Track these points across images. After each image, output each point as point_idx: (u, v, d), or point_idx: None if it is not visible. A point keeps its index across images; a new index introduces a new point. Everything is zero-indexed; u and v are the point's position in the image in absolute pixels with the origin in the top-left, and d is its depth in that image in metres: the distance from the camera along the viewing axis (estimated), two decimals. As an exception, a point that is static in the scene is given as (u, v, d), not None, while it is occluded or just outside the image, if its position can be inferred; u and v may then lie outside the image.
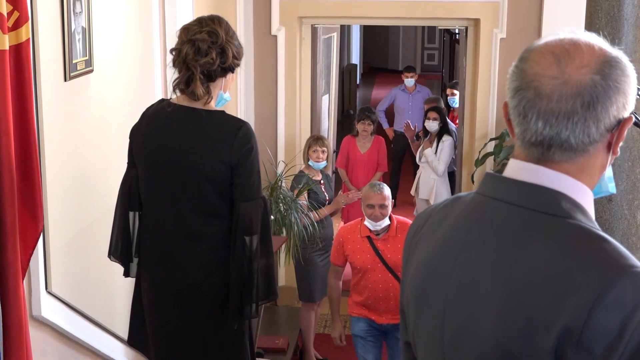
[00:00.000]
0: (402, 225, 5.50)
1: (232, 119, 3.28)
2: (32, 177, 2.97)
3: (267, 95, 7.29)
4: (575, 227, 1.46)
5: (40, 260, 3.46)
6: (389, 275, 5.46)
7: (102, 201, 4.11)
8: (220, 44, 3.19)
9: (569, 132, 1.46)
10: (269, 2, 7.10)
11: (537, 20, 6.95)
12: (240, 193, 3.24)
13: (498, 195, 1.55)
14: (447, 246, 1.60)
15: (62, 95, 3.66)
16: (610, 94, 1.45)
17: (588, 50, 1.47)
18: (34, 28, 3.32)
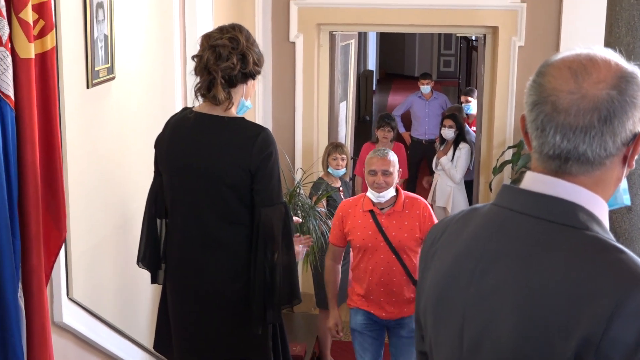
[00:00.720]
0: (411, 201, 4.98)
1: (252, 125, 3.30)
2: (56, 185, 2.99)
3: (285, 101, 7.31)
4: (592, 239, 1.49)
5: (62, 266, 3.48)
6: (392, 257, 4.91)
7: (123, 208, 4.14)
8: (240, 50, 3.23)
9: (586, 146, 1.49)
10: (287, 9, 7.12)
11: (555, 28, 6.94)
12: (261, 199, 3.26)
13: (515, 207, 1.58)
14: (465, 256, 1.63)
15: (85, 102, 3.68)
16: (626, 109, 1.48)
17: (605, 66, 1.50)
18: (57, 36, 3.34)
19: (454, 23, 7.29)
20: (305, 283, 7.19)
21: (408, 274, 4.94)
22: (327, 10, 7.16)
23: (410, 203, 4.97)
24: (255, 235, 3.29)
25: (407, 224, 4.91)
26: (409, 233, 4.90)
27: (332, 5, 7.10)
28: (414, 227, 4.90)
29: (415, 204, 4.97)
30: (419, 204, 4.98)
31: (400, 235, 4.89)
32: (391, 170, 4.92)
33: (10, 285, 2.72)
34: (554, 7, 6.92)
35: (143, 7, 4.33)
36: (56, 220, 3.02)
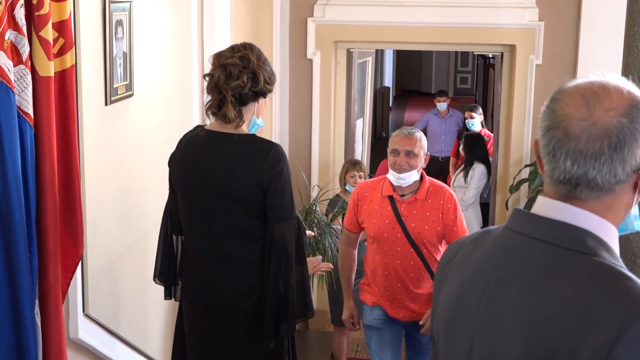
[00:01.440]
0: (436, 190, 4.49)
1: (263, 142, 3.32)
2: (74, 202, 3.01)
3: (302, 118, 7.32)
4: (600, 265, 1.51)
5: (79, 282, 3.49)
6: (411, 250, 4.43)
7: (140, 224, 4.15)
8: (251, 68, 3.25)
9: (596, 172, 1.51)
10: (305, 27, 7.15)
11: (573, 47, 6.93)
12: (273, 214, 3.28)
13: (525, 231, 1.60)
14: (475, 279, 1.66)
15: (103, 119, 3.70)
16: (637, 137, 1.51)
17: (616, 94, 1.52)
18: (77, 53, 3.37)
19: (471, 41, 7.30)
20: (320, 299, 7.18)
21: (428, 270, 4.49)
22: (345, 27, 7.18)
23: (434, 192, 4.48)
24: (269, 250, 3.30)
25: (429, 215, 4.44)
26: (431, 225, 4.44)
27: (350, 22, 7.12)
28: (437, 219, 4.45)
29: (440, 194, 4.50)
30: (444, 194, 4.50)
31: (421, 227, 4.42)
32: (416, 152, 4.41)
33: (28, 302, 2.73)
34: (572, 26, 6.91)
35: (162, 25, 4.35)
36: (73, 237, 3.03)
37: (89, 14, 3.51)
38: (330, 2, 7.07)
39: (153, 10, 4.17)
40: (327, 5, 7.08)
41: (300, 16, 7.14)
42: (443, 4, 6.94)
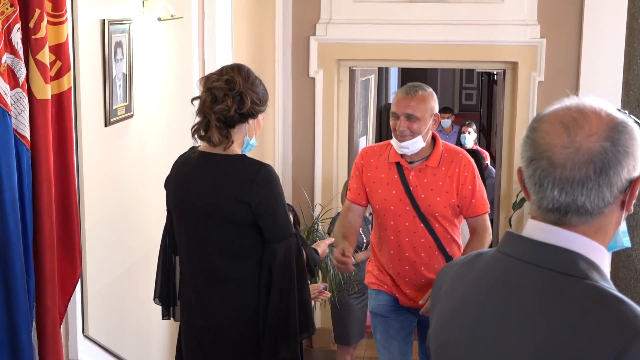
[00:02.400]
0: (451, 156, 3.94)
1: (252, 162, 3.31)
2: (71, 224, 3.02)
3: (305, 137, 7.32)
4: (592, 288, 1.50)
5: (78, 303, 3.49)
6: (421, 226, 3.91)
7: (139, 245, 4.15)
8: (237, 91, 3.22)
9: (584, 198, 1.51)
10: (307, 45, 7.16)
11: (575, 63, 6.92)
12: (272, 235, 3.28)
13: (517, 254, 1.59)
14: (468, 303, 1.64)
15: (103, 140, 3.71)
16: (620, 159, 1.50)
17: (595, 118, 1.52)
18: (75, 75, 3.39)
19: (473, 58, 7.29)
20: (324, 318, 7.17)
21: (442, 250, 3.98)
22: (347, 46, 7.18)
23: (449, 158, 3.92)
24: (268, 268, 3.28)
25: (441, 185, 3.91)
26: (443, 197, 3.91)
27: (352, 41, 7.12)
28: (451, 190, 3.91)
29: (456, 160, 3.95)
30: (460, 161, 3.95)
31: (432, 198, 3.88)
32: (418, 116, 3.82)
33: (25, 325, 2.73)
34: (574, 43, 6.91)
35: (162, 46, 4.36)
36: (71, 260, 3.04)
37: (88, 35, 3.52)
38: (333, 20, 7.09)
39: (153, 31, 4.18)
40: (329, 23, 7.09)
41: (303, 35, 7.15)
42: (445, 22, 6.95)
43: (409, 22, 7.08)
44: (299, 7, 7.10)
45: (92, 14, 3.56)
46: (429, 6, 6.89)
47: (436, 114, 3.94)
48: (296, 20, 7.13)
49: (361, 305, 6.33)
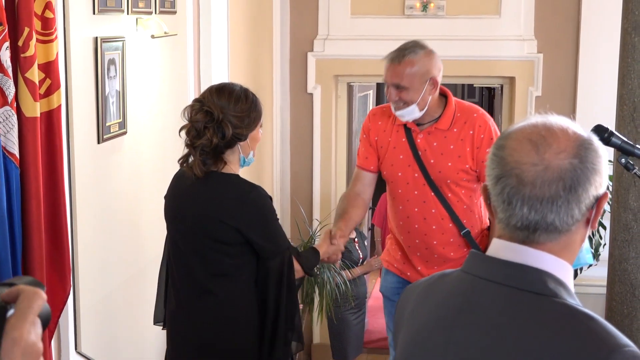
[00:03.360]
0: (465, 115, 3.58)
1: (244, 184, 3.25)
2: (61, 242, 3.02)
3: (303, 152, 7.33)
4: (562, 307, 1.50)
5: (70, 319, 3.49)
6: (431, 194, 3.59)
7: (132, 261, 4.15)
8: (217, 121, 3.15)
9: (554, 216, 1.51)
10: (305, 61, 7.18)
11: (572, 78, 6.93)
12: (265, 254, 3.25)
13: (484, 275, 1.58)
14: (436, 325, 1.62)
15: (95, 157, 3.71)
16: (588, 176, 1.51)
17: (563, 135, 1.53)
18: (67, 92, 3.40)
19: (471, 74, 7.31)
20: (322, 334, 7.15)
21: (455, 221, 3.64)
22: (345, 61, 7.20)
23: (462, 119, 3.56)
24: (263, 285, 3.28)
25: (452, 149, 3.57)
26: (455, 161, 3.58)
27: (350, 57, 7.14)
28: (464, 154, 3.57)
29: (470, 121, 3.59)
30: (474, 121, 3.59)
31: (442, 163, 3.56)
32: (406, 85, 3.48)
33: (13, 342, 2.73)
34: (571, 58, 6.92)
35: (156, 63, 4.38)
36: (61, 277, 3.04)
37: (80, 53, 3.54)
38: (330, 36, 7.11)
39: (147, 48, 4.20)
40: (327, 39, 7.12)
41: (301, 51, 7.17)
42: (442, 37, 6.97)
43: (406, 37, 7.03)
44: (297, 23, 7.13)
45: (84, 31, 3.57)
46: (426, 22, 6.91)
47: (433, 77, 3.56)
48: (294, 36, 7.16)
49: (358, 320, 6.33)
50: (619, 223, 4.87)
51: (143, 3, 4.09)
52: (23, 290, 1.07)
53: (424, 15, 6.97)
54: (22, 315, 1.05)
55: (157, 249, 4.08)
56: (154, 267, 4.15)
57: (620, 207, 4.80)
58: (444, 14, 6.99)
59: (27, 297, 1.06)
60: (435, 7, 6.96)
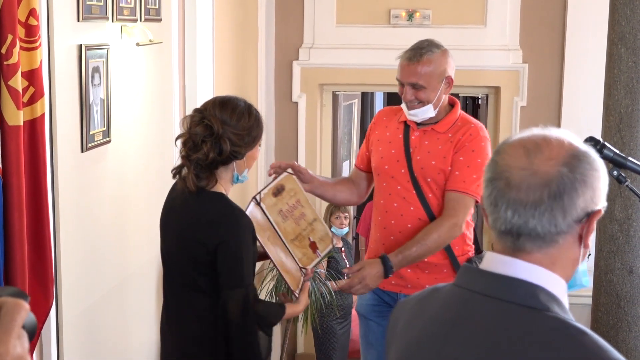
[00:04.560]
0: (464, 124, 3.59)
1: (225, 206, 3.11)
2: (44, 252, 2.97)
3: (288, 159, 7.27)
4: (554, 321, 1.48)
5: (53, 331, 3.44)
6: (412, 192, 3.57)
7: (117, 272, 4.10)
8: (216, 136, 3.04)
9: (536, 222, 1.50)
10: (290, 70, 7.16)
11: (557, 88, 6.95)
12: (222, 280, 3.07)
13: (477, 288, 1.57)
14: (429, 340, 1.60)
15: (79, 166, 3.67)
16: (576, 186, 1.49)
17: (557, 144, 1.53)
18: (51, 100, 3.36)
19: (456, 83, 7.26)
20: (307, 344, 7.12)
21: (432, 219, 3.58)
22: (330, 70, 7.19)
23: (460, 126, 3.58)
24: (220, 313, 3.10)
25: (440, 149, 3.57)
26: (439, 162, 3.57)
27: (335, 65, 7.13)
28: (448, 156, 3.55)
29: (464, 129, 3.59)
30: (467, 130, 3.58)
31: (426, 160, 3.56)
32: (423, 84, 3.50)
33: (-6, 355, 2.68)
34: (556, 67, 6.94)
35: (141, 71, 4.34)
36: (43, 288, 2.99)
37: (64, 61, 3.49)
38: (316, 45, 7.09)
39: (131, 56, 4.15)
40: (312, 48, 7.10)
41: (286, 59, 7.15)
42: (427, 46, 6.97)
43: (391, 46, 7.05)
44: (282, 32, 7.12)
45: (68, 39, 3.53)
46: (412, 31, 6.88)
47: (448, 77, 3.60)
48: (279, 44, 7.14)
49: (344, 330, 6.29)
50: (604, 234, 4.86)
51: (128, 11, 4.05)
52: (5, 303, 1.05)
53: (409, 24, 6.97)
54: (6, 330, 1.02)
55: (142, 259, 4.05)
56: (138, 277, 4.11)
57: (606, 217, 4.80)
58: (430, 24, 6.99)
59: (9, 311, 1.04)
60: (420, 16, 6.96)
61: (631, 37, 4.71)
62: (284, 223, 3.43)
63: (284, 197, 3.46)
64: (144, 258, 4.34)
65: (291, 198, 3.48)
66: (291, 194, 3.48)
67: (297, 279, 3.41)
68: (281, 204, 3.44)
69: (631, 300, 4.87)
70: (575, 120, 6.71)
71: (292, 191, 3.49)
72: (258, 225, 3.28)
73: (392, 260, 3.43)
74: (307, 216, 3.49)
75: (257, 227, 3.25)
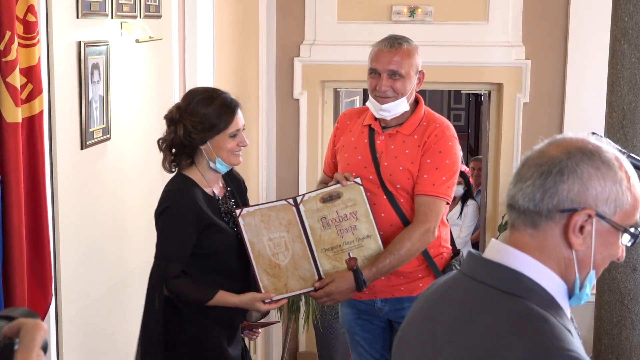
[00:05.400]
0: (430, 123, 3.48)
1: (170, 184, 3.34)
2: (42, 250, 2.97)
3: (289, 159, 7.29)
4: (523, 306, 1.52)
5: (52, 329, 3.44)
6: (383, 198, 3.48)
7: (116, 270, 4.09)
8: (174, 120, 3.28)
9: (520, 194, 1.56)
10: (291, 67, 7.15)
11: (560, 84, 6.93)
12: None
13: (468, 272, 1.64)
14: (416, 316, 1.72)
15: (78, 163, 3.67)
16: (564, 171, 1.53)
17: (580, 140, 1.58)
18: (50, 97, 3.36)
19: (458, 80, 7.30)
20: (309, 342, 7.11)
21: (407, 224, 3.49)
22: (331, 67, 7.17)
23: (426, 126, 3.47)
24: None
25: (407, 154, 3.47)
26: (407, 167, 3.48)
27: (336, 62, 7.11)
28: (416, 161, 3.46)
29: (429, 129, 3.49)
30: (433, 130, 3.48)
31: (394, 166, 3.45)
32: (403, 73, 3.38)
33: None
34: (559, 64, 6.92)
35: (141, 67, 4.33)
36: (42, 286, 2.99)
37: (63, 57, 3.49)
38: (317, 42, 7.08)
39: (131, 53, 4.15)
40: (313, 45, 7.09)
41: (287, 56, 7.14)
42: (429, 43, 6.94)
43: (393, 43, 7.07)
44: (283, 29, 7.10)
45: (68, 35, 3.53)
46: (414, 27, 6.88)
47: (421, 71, 3.52)
48: (280, 41, 7.12)
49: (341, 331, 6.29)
50: (608, 231, 4.85)
51: (127, 7, 4.05)
52: (24, 324, 1.13)
53: (411, 20, 6.95)
54: (27, 350, 1.11)
55: (142, 257, 4.04)
56: (138, 276, 4.11)
57: (610, 214, 4.79)
58: (432, 20, 6.98)
59: (29, 331, 1.12)
60: (422, 12, 6.95)
61: (634, 33, 4.70)
62: (323, 231, 3.36)
63: (335, 205, 3.38)
64: (144, 256, 4.32)
65: (346, 208, 3.38)
66: (348, 204, 3.38)
67: (281, 285, 3.37)
68: (328, 211, 3.37)
69: (635, 298, 4.86)
70: (579, 117, 6.71)
71: (351, 202, 3.38)
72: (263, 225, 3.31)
73: (365, 274, 3.36)
74: (359, 231, 3.37)
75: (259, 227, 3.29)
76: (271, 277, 3.35)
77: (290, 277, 3.38)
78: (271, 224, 3.34)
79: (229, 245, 3.31)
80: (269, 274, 3.36)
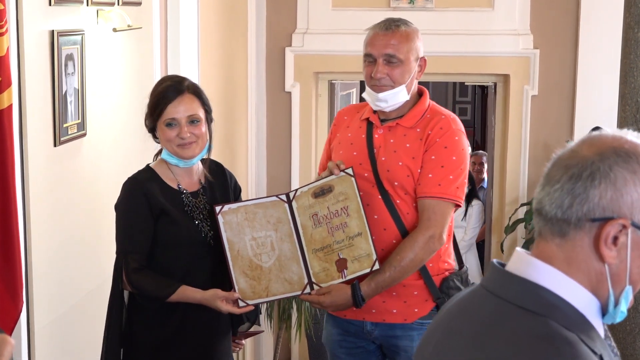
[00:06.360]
0: (434, 116, 3.37)
1: (137, 173, 3.53)
2: (12, 254, 2.98)
3: (281, 156, 7.30)
4: (541, 325, 1.46)
5: (24, 339, 3.45)
6: (378, 197, 3.35)
7: (92, 276, 4.10)
8: None
9: (547, 199, 1.50)
10: (283, 57, 7.15)
11: (571, 75, 6.93)
12: None
13: (488, 285, 1.59)
14: (434, 331, 1.67)
15: (52, 161, 3.67)
16: (596, 175, 1.47)
17: (615, 139, 1.51)
18: (21, 91, 3.36)
19: (461, 71, 7.30)
20: (301, 351, 7.13)
21: (402, 232, 3.37)
22: (326, 57, 7.17)
23: (429, 119, 3.35)
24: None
25: (408, 148, 3.35)
26: (407, 163, 3.35)
27: (331, 52, 7.11)
28: (418, 157, 3.34)
29: (433, 121, 3.37)
30: (436, 123, 3.35)
31: (392, 162, 3.33)
32: (401, 57, 3.27)
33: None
34: (569, 53, 6.93)
35: (119, 58, 4.34)
36: (12, 293, 3.00)
37: (35, 47, 3.49)
38: (310, 30, 7.08)
39: (108, 43, 4.16)
40: (306, 34, 7.09)
41: (278, 46, 7.14)
42: (431, 31, 6.94)
43: (392, 32, 7.08)
44: (274, 16, 7.11)
45: (39, 24, 3.53)
46: (414, 15, 6.84)
47: (422, 58, 3.40)
48: (270, 30, 7.13)
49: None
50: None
51: (104, -7, 4.06)
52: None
53: (411, 7, 6.96)
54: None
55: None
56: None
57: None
58: (433, 7, 6.99)
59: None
60: (423, -1, 6.96)
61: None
62: (314, 229, 3.30)
63: (327, 200, 3.30)
64: (123, 261, 4.34)
65: (337, 203, 3.29)
66: (340, 198, 3.28)
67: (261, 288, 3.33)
68: (320, 207, 3.30)
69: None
70: (590, 110, 6.72)
71: (343, 196, 3.28)
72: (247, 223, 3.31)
73: (363, 289, 3.28)
74: (349, 228, 3.28)
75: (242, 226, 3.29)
76: (250, 280, 3.32)
77: (273, 279, 3.33)
78: (256, 222, 3.32)
79: (188, 240, 3.31)
80: (248, 276, 3.32)
